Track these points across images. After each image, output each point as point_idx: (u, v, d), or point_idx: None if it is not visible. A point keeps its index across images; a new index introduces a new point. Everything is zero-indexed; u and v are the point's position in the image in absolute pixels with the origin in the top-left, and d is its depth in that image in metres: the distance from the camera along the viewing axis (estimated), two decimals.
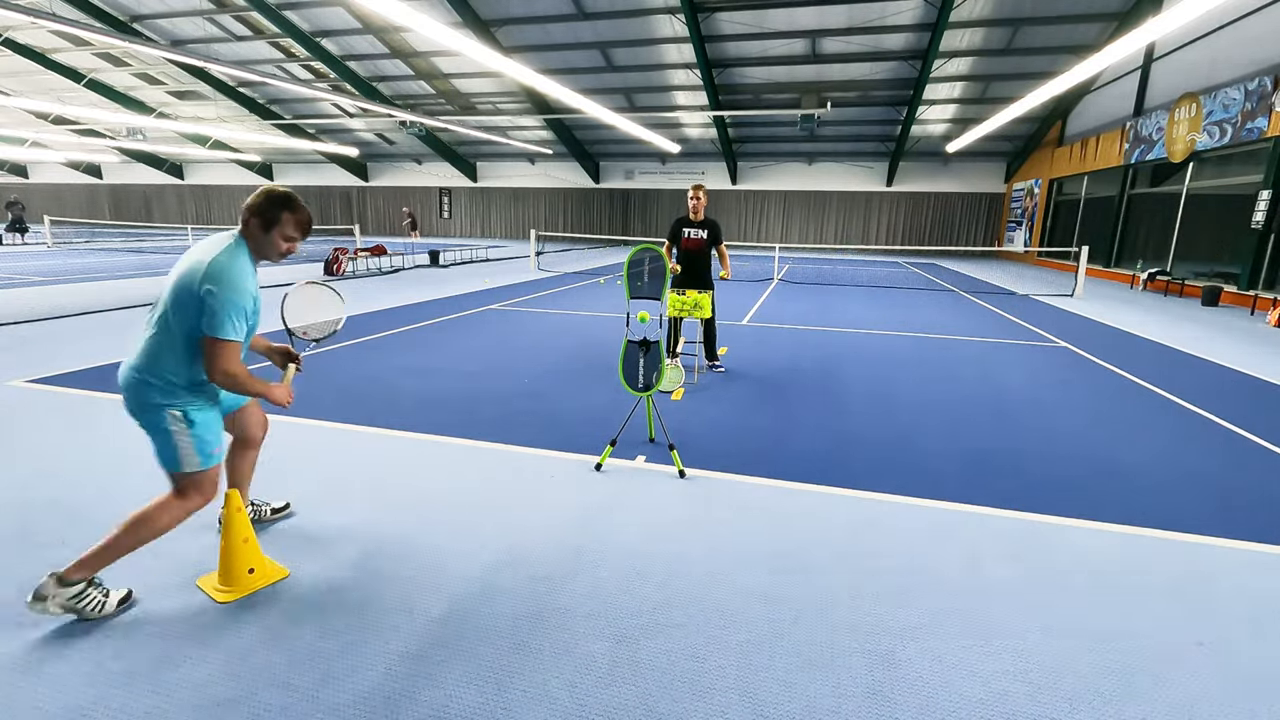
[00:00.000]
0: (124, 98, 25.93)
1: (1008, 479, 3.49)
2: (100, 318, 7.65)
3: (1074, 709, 1.84)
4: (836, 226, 27.23)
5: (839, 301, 11.20)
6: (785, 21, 16.63)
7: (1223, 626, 2.24)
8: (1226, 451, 4.02)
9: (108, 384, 4.86)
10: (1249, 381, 5.90)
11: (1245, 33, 12.19)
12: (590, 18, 17.31)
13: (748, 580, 2.46)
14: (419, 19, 7.48)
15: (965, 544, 2.77)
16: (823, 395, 5.10)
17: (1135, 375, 5.99)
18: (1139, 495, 3.32)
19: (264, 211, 2.15)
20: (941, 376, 5.79)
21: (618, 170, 29.37)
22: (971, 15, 15.68)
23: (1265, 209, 11.13)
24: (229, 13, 18.99)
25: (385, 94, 23.60)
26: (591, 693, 1.86)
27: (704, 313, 5.30)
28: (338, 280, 12.41)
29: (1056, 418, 4.63)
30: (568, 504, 3.07)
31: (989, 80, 18.90)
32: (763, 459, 3.70)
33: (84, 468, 3.34)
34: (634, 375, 3.60)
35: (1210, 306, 11.43)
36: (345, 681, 1.88)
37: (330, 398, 4.66)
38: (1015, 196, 24.28)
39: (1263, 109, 11.25)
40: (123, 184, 36.29)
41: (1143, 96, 15.91)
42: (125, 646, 2.00)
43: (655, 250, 3.73)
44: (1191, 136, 13.24)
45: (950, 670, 1.99)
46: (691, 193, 5.53)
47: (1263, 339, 8.18)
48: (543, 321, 8.35)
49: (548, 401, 4.74)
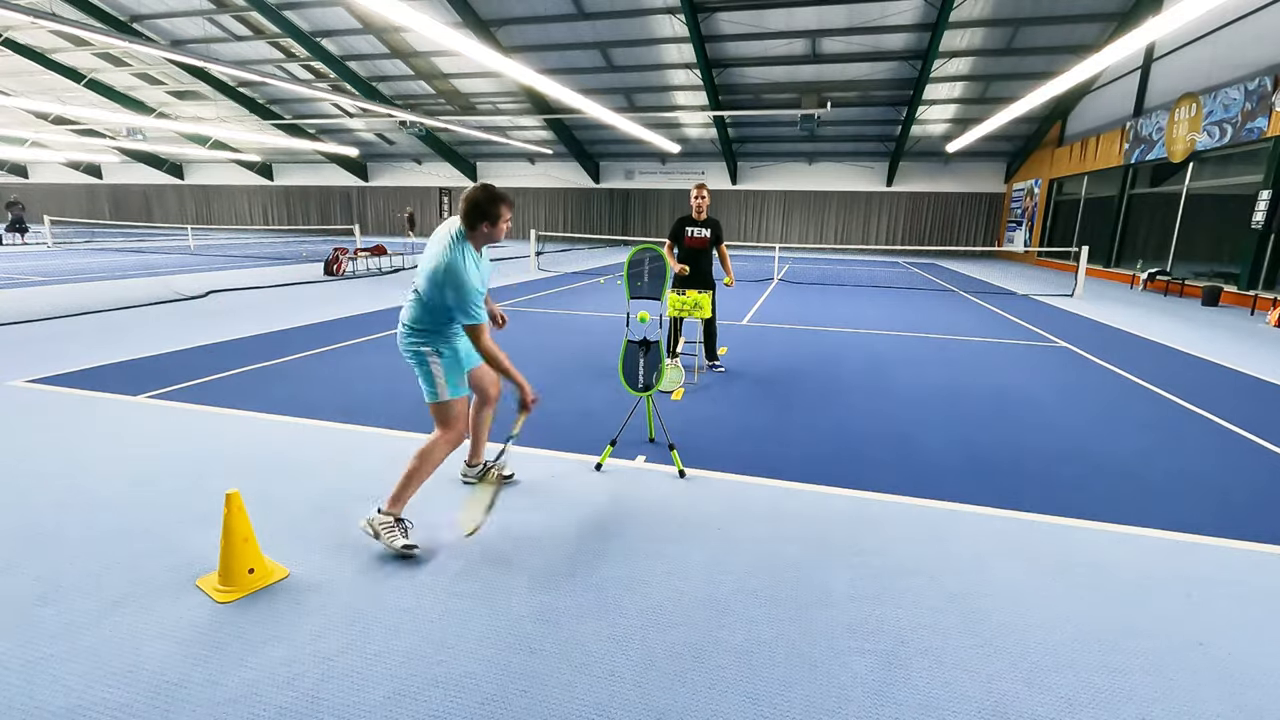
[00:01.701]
0: (124, 98, 25.93)
1: (1008, 478, 3.49)
2: (101, 318, 7.65)
3: (1073, 709, 1.84)
4: (836, 226, 27.23)
5: (839, 301, 11.20)
6: (785, 21, 16.63)
7: (1223, 626, 2.24)
8: (1226, 451, 4.02)
9: (108, 384, 4.87)
10: (1249, 381, 5.90)
11: (1245, 32, 12.19)
12: (590, 17, 17.31)
13: (748, 580, 2.46)
14: (419, 19, 7.48)
15: (965, 543, 2.77)
16: (823, 395, 5.10)
17: (1135, 375, 5.99)
18: (1139, 495, 3.32)
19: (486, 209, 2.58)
20: (941, 376, 5.79)
21: (618, 170, 29.37)
22: (971, 15, 15.67)
23: (1265, 209, 11.12)
24: (229, 13, 18.99)
25: (385, 94, 23.60)
26: (591, 692, 1.86)
27: (704, 313, 5.30)
28: (338, 280, 12.41)
29: (1056, 417, 4.63)
30: (569, 503, 3.07)
31: (989, 80, 18.90)
32: (762, 459, 3.70)
33: (84, 468, 3.34)
34: (634, 375, 3.61)
35: (1210, 306, 11.43)
36: (345, 681, 1.88)
37: (329, 398, 4.66)
38: (1015, 196, 24.27)
39: (1263, 109, 11.25)
40: (123, 184, 36.29)
41: (1143, 96, 15.91)
42: (127, 646, 2.00)
43: (655, 250, 3.73)
44: (1191, 136, 13.24)
45: (950, 670, 1.99)
46: (695, 192, 5.54)
47: (1263, 339, 8.18)
48: (543, 321, 8.35)
49: (548, 401, 4.73)
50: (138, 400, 4.51)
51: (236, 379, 5.12)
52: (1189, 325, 9.21)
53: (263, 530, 2.64)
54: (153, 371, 5.27)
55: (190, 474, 3.29)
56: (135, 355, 5.80)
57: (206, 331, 6.95)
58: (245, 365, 5.56)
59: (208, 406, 4.40)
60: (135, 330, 6.94)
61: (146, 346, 6.15)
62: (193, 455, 3.54)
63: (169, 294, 9.70)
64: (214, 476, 3.25)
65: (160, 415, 4.21)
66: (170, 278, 11.97)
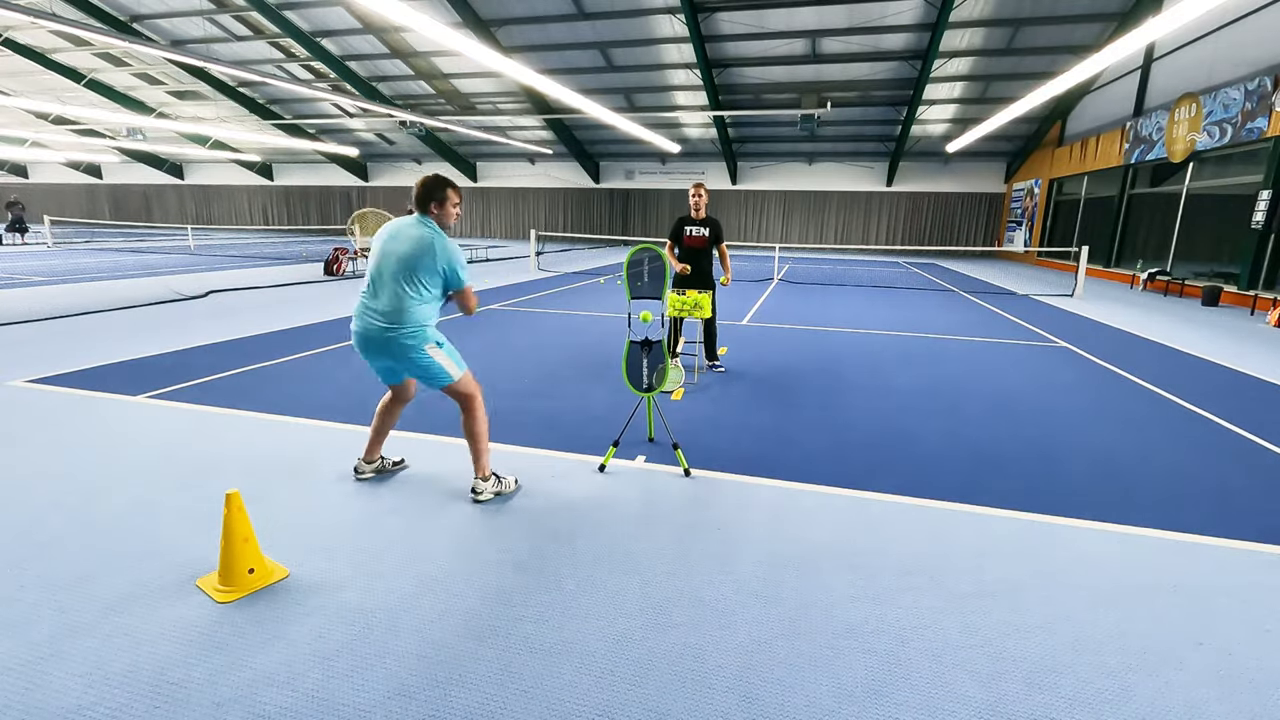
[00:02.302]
0: (124, 98, 25.93)
1: (1008, 479, 3.49)
2: (101, 318, 7.65)
3: (1073, 709, 1.84)
4: (836, 226, 27.22)
5: (839, 301, 11.20)
6: (785, 21, 16.63)
7: (1222, 627, 2.24)
8: (1226, 451, 4.02)
9: (108, 384, 4.87)
10: (1249, 381, 5.90)
11: (1245, 33, 12.19)
12: (590, 17, 17.31)
13: (748, 580, 2.46)
14: (419, 19, 7.48)
15: (965, 544, 2.77)
16: (823, 395, 5.10)
17: (1135, 375, 5.99)
18: (1139, 495, 3.32)
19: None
20: (941, 376, 5.79)
21: (618, 170, 29.37)
22: (972, 15, 15.67)
23: (1265, 209, 11.13)
24: (229, 13, 18.99)
25: (385, 94, 23.60)
26: (591, 692, 1.86)
27: (704, 313, 5.30)
28: (338, 280, 12.41)
29: (1057, 418, 4.63)
30: (568, 504, 3.07)
31: (989, 80, 18.89)
32: (763, 459, 3.70)
33: (84, 468, 3.34)
34: (638, 375, 3.61)
35: (1210, 306, 11.43)
36: (345, 681, 1.88)
37: (332, 397, 4.66)
38: (1015, 196, 24.27)
39: (1263, 109, 11.24)
40: (123, 184, 36.28)
41: (1143, 97, 15.91)
42: (126, 647, 2.00)
43: (655, 250, 3.73)
44: (1191, 136, 13.24)
45: (950, 670, 1.99)
46: (693, 191, 5.54)
47: (1263, 339, 8.18)
48: (543, 321, 8.35)
49: (549, 401, 4.74)
50: (138, 400, 4.51)
51: (237, 379, 5.12)
52: (1188, 325, 9.21)
53: (263, 530, 2.65)
54: (153, 372, 5.27)
55: (190, 474, 3.29)
56: (135, 355, 5.80)
57: (206, 332, 6.95)
58: (245, 365, 5.56)
59: (208, 406, 4.40)
60: (135, 330, 6.95)
61: (146, 347, 6.15)
62: (193, 455, 3.54)
63: (169, 294, 9.70)
64: (214, 476, 3.25)
65: (160, 415, 4.21)
66: (170, 278, 11.97)
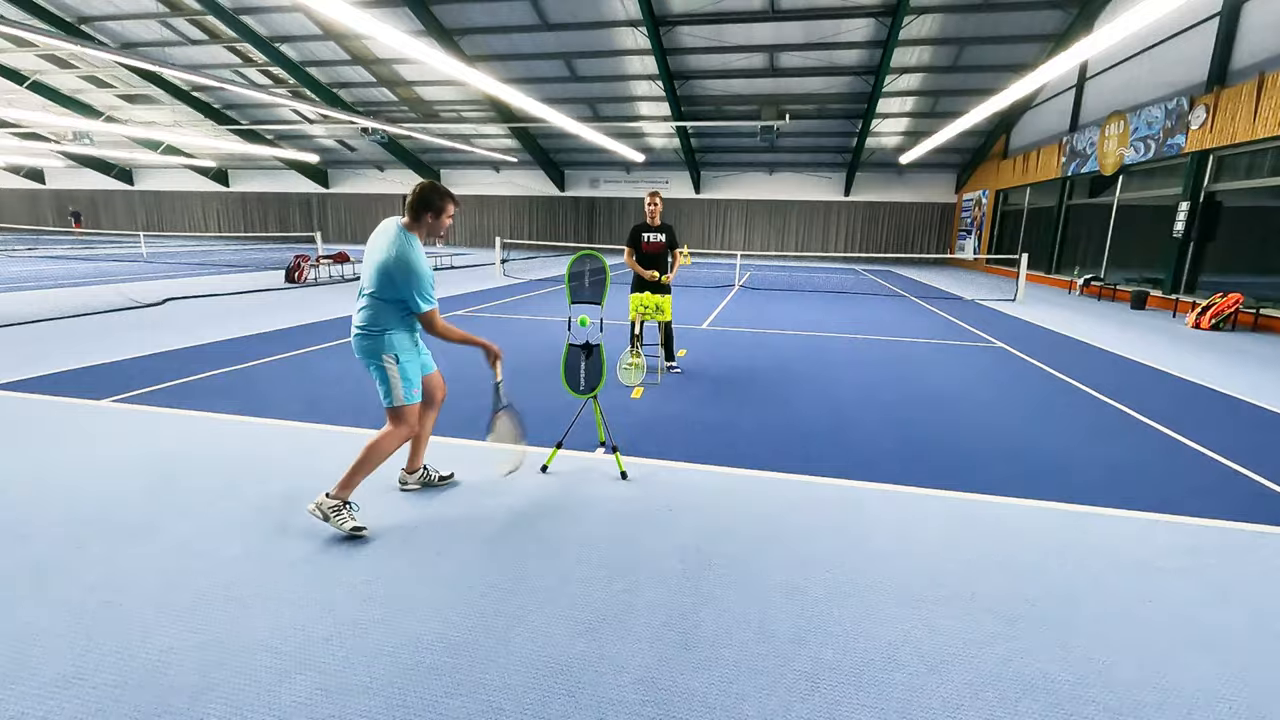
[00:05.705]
0: (70, 101, 25.10)
1: (939, 461, 3.83)
2: (57, 325, 7.51)
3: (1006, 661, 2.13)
4: (796, 235, 27.95)
5: (796, 307, 11.62)
6: (744, 36, 17.16)
7: (1081, 581, 2.58)
8: (1136, 440, 4.45)
9: (69, 389, 4.87)
10: (1163, 377, 6.43)
11: (1166, 56, 13.14)
12: (554, 29, 17.56)
13: (694, 560, 2.71)
14: (380, 27, 7.55)
15: (896, 518, 3.07)
16: (775, 392, 5.41)
17: (1062, 373, 6.48)
18: (1054, 473, 3.69)
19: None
20: (885, 374, 6.17)
21: (583, 179, 29.62)
22: (920, 34, 16.45)
23: (1184, 219, 11.98)
24: (183, 16, 18.65)
25: (346, 100, 23.39)
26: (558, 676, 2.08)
27: (665, 316, 5.56)
28: (300, 287, 12.33)
29: (985, 409, 5.02)
30: (527, 497, 3.28)
31: (938, 95, 19.78)
32: (715, 449, 3.96)
33: (51, 469, 3.41)
34: (575, 378, 3.67)
35: (1139, 310, 12.23)
36: (322, 674, 2.05)
37: (297, 400, 4.76)
38: (965, 206, 25.34)
39: (1180, 126, 12.13)
40: (67, 189, 34.98)
41: (1077, 113, 16.91)
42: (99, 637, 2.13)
43: (595, 256, 3.83)
44: (1120, 151, 14.15)
45: (869, 624, 2.27)
46: (649, 199, 5.80)
47: (1181, 339, 8.84)
48: (509, 327, 8.51)
49: (515, 402, 4.91)
50: (102, 405, 4.54)
51: (202, 383, 5.17)
52: (1116, 326, 9.88)
53: (232, 526, 2.79)
54: (116, 377, 5.28)
55: (158, 473, 3.38)
56: (97, 361, 5.78)
57: (168, 338, 6.92)
58: (210, 370, 5.60)
59: (175, 410, 4.46)
60: (94, 337, 6.87)
61: (108, 353, 6.12)
62: (160, 455, 3.63)
63: (125, 301, 9.54)
64: (183, 476, 3.36)
65: (126, 418, 4.26)
66: (125, 285, 11.72)
